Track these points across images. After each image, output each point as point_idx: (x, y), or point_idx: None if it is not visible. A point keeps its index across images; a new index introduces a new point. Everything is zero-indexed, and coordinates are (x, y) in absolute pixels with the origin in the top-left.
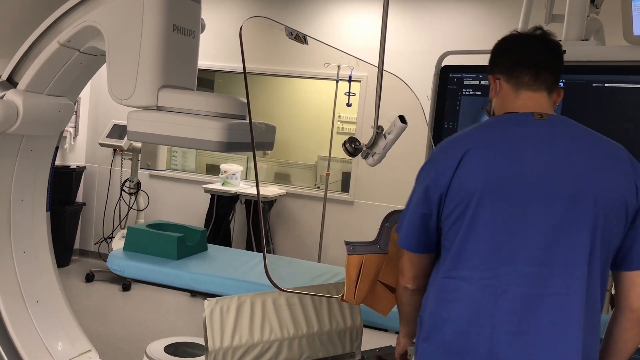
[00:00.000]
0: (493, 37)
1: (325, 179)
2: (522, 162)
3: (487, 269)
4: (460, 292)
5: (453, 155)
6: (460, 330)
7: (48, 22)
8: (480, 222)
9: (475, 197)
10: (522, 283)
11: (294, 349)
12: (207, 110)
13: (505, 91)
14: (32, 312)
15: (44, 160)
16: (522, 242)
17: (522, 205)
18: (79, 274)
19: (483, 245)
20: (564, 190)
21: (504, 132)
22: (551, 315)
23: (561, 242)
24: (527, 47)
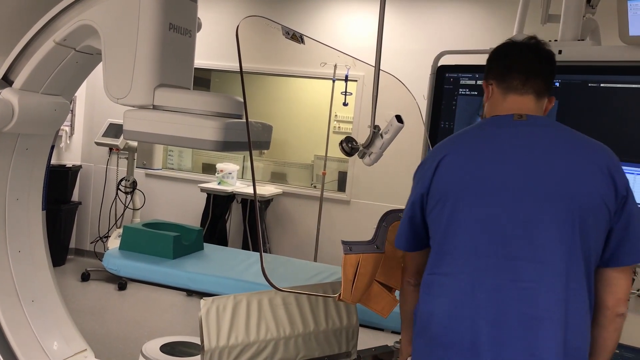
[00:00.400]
0: (489, 37)
1: (322, 178)
2: (497, 161)
3: (465, 264)
4: (442, 288)
5: (434, 159)
6: (444, 324)
7: (44, 20)
8: (456, 220)
9: (450, 197)
10: (498, 276)
11: (290, 349)
12: (203, 109)
13: (495, 96)
14: (28, 311)
15: (39, 159)
16: (497, 237)
17: (497, 202)
18: (74, 273)
19: (460, 241)
20: (539, 188)
21: (482, 134)
22: (524, 308)
23: (534, 238)
24: (519, 54)
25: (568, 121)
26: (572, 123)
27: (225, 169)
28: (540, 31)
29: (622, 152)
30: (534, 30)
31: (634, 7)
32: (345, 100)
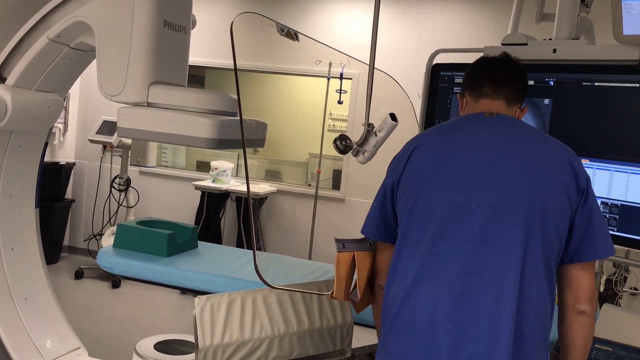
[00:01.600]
0: (484, 36)
1: (316, 176)
2: (463, 151)
3: (429, 246)
4: (407, 271)
5: (406, 150)
6: (408, 304)
7: (37, 17)
8: (421, 205)
9: (417, 184)
10: (461, 260)
11: (284, 347)
12: (197, 106)
13: (468, 104)
14: (21, 309)
15: (32, 156)
16: (461, 221)
17: (462, 188)
18: (68, 271)
19: (423, 225)
20: (503, 176)
21: (452, 128)
22: (487, 290)
23: (496, 224)
24: (489, 65)
25: (562, 120)
26: (567, 122)
27: (220, 167)
28: (534, 30)
29: (616, 151)
30: (528, 29)
31: (628, 7)
32: (340, 98)
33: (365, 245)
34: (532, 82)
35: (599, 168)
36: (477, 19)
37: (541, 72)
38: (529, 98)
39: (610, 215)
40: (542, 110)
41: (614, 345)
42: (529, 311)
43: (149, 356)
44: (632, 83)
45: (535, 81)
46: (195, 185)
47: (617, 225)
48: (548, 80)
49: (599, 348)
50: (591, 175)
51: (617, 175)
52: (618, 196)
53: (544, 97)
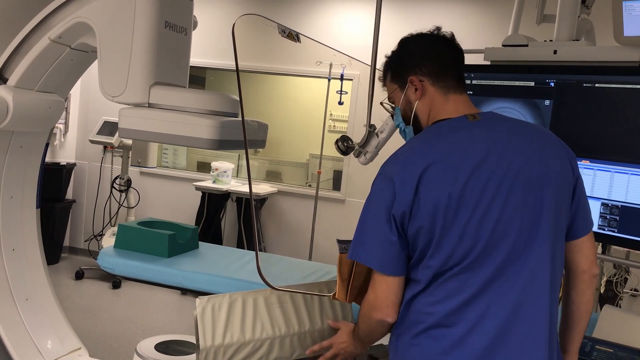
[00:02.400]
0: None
1: (317, 177)
2: (475, 168)
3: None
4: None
5: (411, 174)
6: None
7: (39, 17)
8: (455, 233)
9: (441, 209)
10: (515, 279)
11: (285, 347)
12: (199, 107)
13: (432, 95)
14: (22, 309)
15: (33, 156)
16: (500, 242)
17: (484, 205)
18: (68, 272)
19: (464, 253)
20: (519, 182)
21: (451, 141)
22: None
23: (528, 237)
24: (449, 51)
25: (563, 121)
26: (567, 123)
27: (221, 168)
28: (535, 31)
29: (616, 152)
30: (529, 30)
31: (629, 8)
32: (341, 99)
33: None
34: (532, 83)
35: (600, 169)
36: (477, 20)
37: (542, 74)
38: (530, 99)
39: (611, 217)
40: (543, 112)
41: (615, 346)
42: (556, 305)
43: (150, 357)
44: (633, 84)
45: (535, 82)
46: (196, 186)
47: (618, 227)
48: (549, 82)
49: (599, 349)
50: (591, 176)
51: (618, 177)
52: (619, 197)
53: (545, 98)
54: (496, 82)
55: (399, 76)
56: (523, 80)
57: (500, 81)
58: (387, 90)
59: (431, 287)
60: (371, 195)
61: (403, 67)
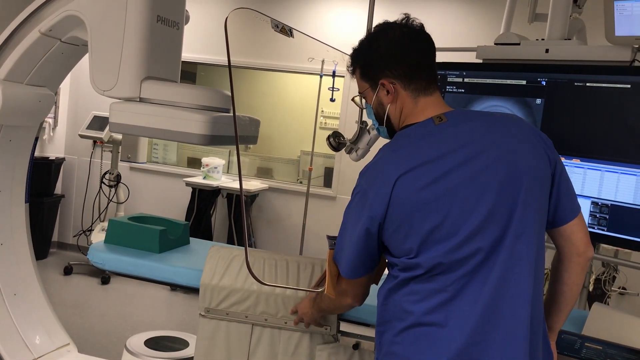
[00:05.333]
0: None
1: (308, 174)
2: (445, 172)
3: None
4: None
5: (383, 186)
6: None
7: (29, 10)
8: (431, 235)
9: (415, 217)
10: (494, 277)
11: (270, 304)
12: (190, 102)
13: (403, 99)
14: (10, 305)
15: (23, 151)
16: (479, 238)
17: (458, 207)
18: (57, 267)
19: (443, 253)
20: (492, 180)
21: (418, 148)
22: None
23: (508, 227)
24: (417, 48)
25: (554, 120)
26: (558, 122)
27: (211, 164)
28: (527, 30)
29: (607, 151)
30: (521, 28)
31: (620, 8)
32: (333, 96)
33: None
34: (524, 81)
35: (590, 168)
36: (469, 18)
37: (533, 72)
38: (521, 98)
39: (601, 215)
40: (534, 110)
41: (604, 344)
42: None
43: (140, 353)
44: (624, 84)
45: (527, 81)
46: (186, 182)
47: (607, 225)
48: (540, 80)
49: (589, 347)
50: (582, 175)
51: (608, 175)
52: (608, 196)
53: (536, 97)
54: (488, 81)
55: (369, 77)
56: (515, 79)
57: (492, 79)
58: (357, 85)
59: (411, 284)
60: (349, 205)
61: (373, 69)
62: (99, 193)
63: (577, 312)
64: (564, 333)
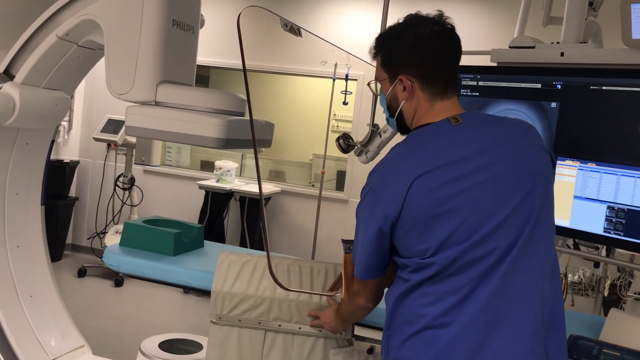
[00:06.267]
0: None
1: (320, 177)
2: (464, 174)
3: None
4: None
5: (398, 187)
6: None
7: (46, 14)
8: (447, 238)
9: (430, 218)
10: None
11: (283, 310)
12: (205, 106)
13: (418, 99)
14: (26, 306)
15: (39, 153)
16: (494, 243)
17: (473, 209)
18: (71, 269)
19: (458, 255)
20: (507, 182)
21: (435, 149)
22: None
23: (523, 229)
24: (444, 52)
25: (569, 123)
26: (573, 125)
27: (224, 167)
28: (541, 33)
29: (623, 155)
30: (535, 32)
31: (637, 10)
32: (345, 99)
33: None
34: (539, 85)
35: (606, 172)
36: (483, 21)
37: (548, 76)
38: (536, 101)
39: (617, 220)
40: (549, 114)
41: (622, 350)
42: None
43: (154, 355)
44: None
45: (542, 84)
46: (200, 185)
47: (624, 230)
48: (555, 84)
49: (606, 353)
50: (597, 179)
51: (624, 180)
52: (625, 201)
53: (551, 100)
54: (502, 84)
55: (389, 68)
56: (529, 82)
57: (506, 83)
58: (376, 70)
59: (422, 287)
60: (360, 204)
61: (394, 61)
62: (112, 196)
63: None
64: (581, 339)
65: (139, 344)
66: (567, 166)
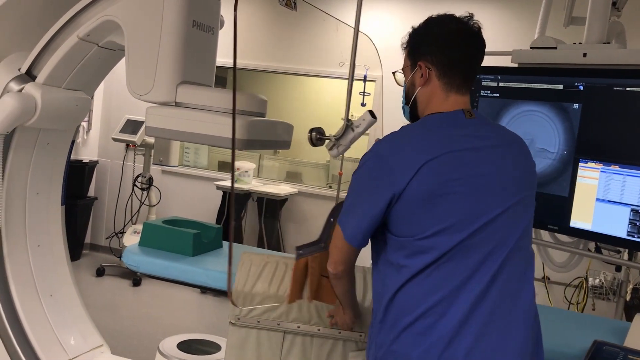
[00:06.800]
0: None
1: (338, 178)
2: (475, 164)
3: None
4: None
5: (411, 162)
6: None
7: (68, 15)
8: (449, 219)
9: (435, 198)
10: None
11: (303, 312)
12: (226, 107)
13: (433, 88)
14: (46, 305)
15: (60, 154)
16: (491, 232)
17: (480, 198)
18: (89, 268)
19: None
20: (514, 179)
21: (450, 136)
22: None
23: (519, 231)
24: (467, 47)
25: (592, 125)
26: (596, 127)
27: (242, 167)
28: (562, 33)
29: None
30: (556, 32)
31: None
32: (364, 101)
33: (319, 247)
34: (560, 86)
35: (630, 175)
36: (504, 21)
37: (571, 77)
38: (558, 102)
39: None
40: (571, 115)
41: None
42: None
43: (173, 355)
44: None
45: (564, 85)
46: (217, 185)
47: None
48: (578, 85)
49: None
50: (621, 181)
51: None
52: None
53: (573, 101)
54: (523, 85)
55: (412, 56)
56: (551, 83)
57: (527, 84)
58: (403, 61)
59: (420, 275)
60: (362, 170)
61: (417, 50)
62: (131, 196)
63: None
64: (605, 344)
65: (156, 344)
66: (590, 168)
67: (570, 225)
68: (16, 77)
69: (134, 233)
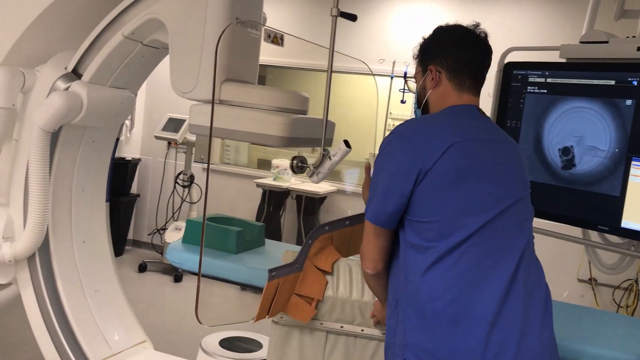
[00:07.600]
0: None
1: None
2: (493, 155)
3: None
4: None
5: (437, 143)
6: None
7: (113, 14)
8: (467, 200)
9: (459, 179)
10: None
11: (346, 311)
12: (269, 104)
13: (445, 89)
14: (91, 300)
15: (105, 151)
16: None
17: (500, 183)
18: (132, 264)
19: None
20: (521, 173)
21: (470, 125)
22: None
23: (523, 215)
24: (474, 51)
25: None
26: None
27: (281, 165)
28: (613, 27)
29: None
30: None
31: None
32: (404, 98)
33: (293, 269)
34: (612, 82)
35: None
36: (550, 16)
37: (623, 72)
38: (609, 99)
39: None
40: (623, 112)
41: None
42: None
43: (215, 353)
44: None
45: (616, 81)
46: (257, 183)
47: None
48: (631, 80)
49: None
50: None
51: None
52: None
53: (626, 97)
54: (573, 81)
55: (422, 62)
56: (602, 79)
57: (577, 79)
58: (415, 68)
59: (445, 259)
60: (385, 152)
61: (427, 55)
62: (172, 193)
63: None
64: None
65: (198, 340)
66: None
67: (621, 225)
68: (63, 76)
69: (176, 230)
